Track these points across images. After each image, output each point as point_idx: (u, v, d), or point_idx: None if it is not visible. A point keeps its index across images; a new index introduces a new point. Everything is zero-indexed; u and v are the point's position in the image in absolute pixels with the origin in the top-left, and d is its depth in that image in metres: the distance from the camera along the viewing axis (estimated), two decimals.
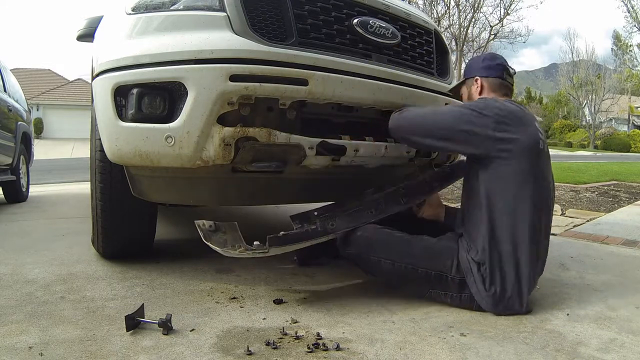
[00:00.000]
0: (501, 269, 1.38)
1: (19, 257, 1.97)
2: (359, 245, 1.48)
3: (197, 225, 1.48)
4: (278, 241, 1.43)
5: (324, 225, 1.50)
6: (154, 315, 1.27)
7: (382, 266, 1.45)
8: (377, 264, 1.45)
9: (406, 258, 1.43)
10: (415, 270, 1.42)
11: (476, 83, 1.58)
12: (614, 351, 1.16)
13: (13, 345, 1.11)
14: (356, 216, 1.55)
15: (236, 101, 1.38)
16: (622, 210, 3.83)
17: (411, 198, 1.65)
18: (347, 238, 1.51)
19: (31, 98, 21.59)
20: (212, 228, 1.49)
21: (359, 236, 1.49)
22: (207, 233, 1.47)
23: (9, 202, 4.25)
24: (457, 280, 1.40)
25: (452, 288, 1.41)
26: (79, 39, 2.11)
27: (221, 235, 1.49)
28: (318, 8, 1.54)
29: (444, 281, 1.41)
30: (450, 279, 1.41)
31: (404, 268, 1.42)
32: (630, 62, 34.96)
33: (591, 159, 15.74)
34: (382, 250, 1.45)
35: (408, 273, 1.42)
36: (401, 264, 1.43)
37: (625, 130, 35.70)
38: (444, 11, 21.21)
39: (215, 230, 1.49)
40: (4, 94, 4.30)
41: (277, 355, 1.09)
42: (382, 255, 1.44)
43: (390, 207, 1.60)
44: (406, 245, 1.46)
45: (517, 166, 1.38)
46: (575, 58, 38.49)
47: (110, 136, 1.48)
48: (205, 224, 1.49)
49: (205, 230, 1.47)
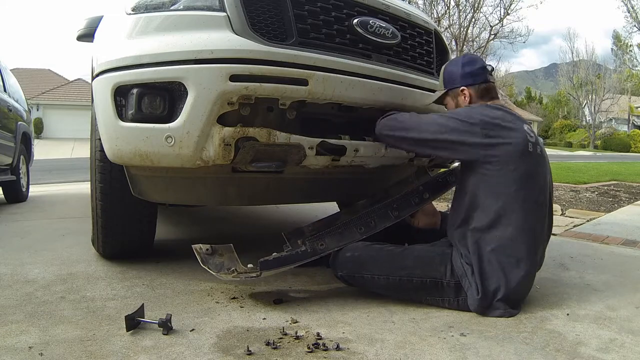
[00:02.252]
0: (487, 272, 1.37)
1: (19, 257, 1.97)
2: (350, 266, 1.48)
3: (194, 249, 1.52)
4: (268, 265, 1.47)
5: (313, 246, 1.52)
6: (154, 315, 1.27)
7: (377, 282, 1.44)
8: (371, 281, 1.45)
9: (400, 271, 1.42)
10: (411, 281, 1.42)
11: (462, 94, 1.56)
12: (614, 351, 1.16)
13: (13, 345, 1.11)
14: (346, 234, 1.56)
15: (236, 101, 1.38)
16: (622, 210, 3.83)
17: (402, 212, 1.64)
18: (338, 260, 1.50)
19: (31, 98, 21.58)
20: (209, 252, 1.53)
21: (348, 257, 1.48)
22: (204, 257, 1.51)
23: (9, 202, 4.25)
24: (452, 285, 1.40)
25: (449, 293, 1.41)
26: (79, 39, 2.11)
27: (218, 258, 1.53)
28: (318, 8, 1.54)
29: (439, 287, 1.41)
30: (445, 283, 1.40)
31: (398, 281, 1.42)
32: (630, 62, 34.99)
33: (591, 159, 15.75)
34: (374, 267, 1.45)
35: (403, 284, 1.42)
36: (396, 277, 1.42)
37: (625, 130, 35.70)
38: (444, 11, 21.20)
39: (212, 254, 1.53)
40: (4, 94, 4.30)
41: (277, 355, 1.09)
42: (376, 271, 1.44)
43: (381, 223, 1.60)
44: (398, 258, 1.45)
45: (505, 170, 1.37)
46: (575, 58, 38.52)
47: (110, 136, 1.48)
48: (202, 248, 1.53)
49: (203, 254, 1.52)
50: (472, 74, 1.55)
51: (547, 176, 1.49)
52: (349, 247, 1.51)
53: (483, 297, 1.36)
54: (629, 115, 38.22)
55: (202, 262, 1.49)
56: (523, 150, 1.39)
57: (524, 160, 1.39)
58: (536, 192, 1.43)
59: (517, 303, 1.41)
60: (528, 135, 1.43)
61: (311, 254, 1.51)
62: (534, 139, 1.45)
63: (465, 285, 1.38)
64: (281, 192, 1.82)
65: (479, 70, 1.56)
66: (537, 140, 1.46)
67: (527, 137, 1.42)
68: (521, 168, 1.38)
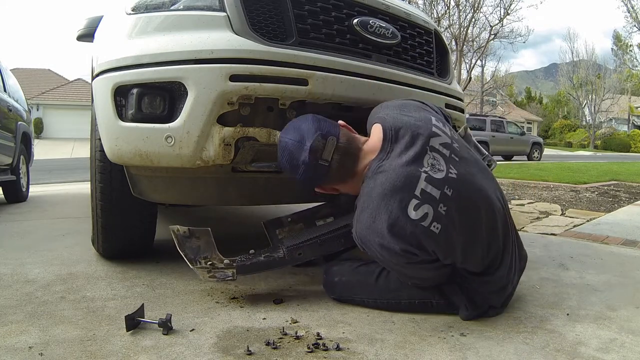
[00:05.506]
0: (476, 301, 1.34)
1: (19, 257, 1.97)
2: (340, 290, 1.48)
3: (171, 230, 1.48)
4: (245, 269, 1.46)
5: (291, 254, 1.51)
6: (154, 315, 1.27)
7: (367, 304, 1.43)
8: (362, 303, 1.44)
9: (387, 294, 1.41)
10: (399, 303, 1.40)
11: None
12: (614, 351, 1.16)
13: (13, 345, 1.11)
14: (325, 246, 1.54)
15: (236, 101, 1.38)
16: (622, 210, 3.83)
17: None
18: (328, 285, 1.51)
19: (31, 98, 21.60)
20: (187, 234, 1.49)
21: (336, 282, 1.48)
22: (181, 239, 1.47)
23: (9, 202, 4.25)
24: (442, 304, 1.37)
25: (440, 310, 1.38)
26: (79, 39, 2.12)
27: (195, 241, 1.49)
28: (318, 8, 1.54)
29: (429, 306, 1.39)
30: (435, 303, 1.38)
31: (386, 303, 1.41)
32: (630, 62, 35.03)
33: (591, 159, 15.75)
34: (362, 292, 1.44)
35: (392, 307, 1.41)
36: (384, 301, 1.41)
37: (625, 130, 35.74)
38: (444, 11, 21.24)
39: (189, 237, 1.49)
40: (4, 94, 4.31)
41: (277, 355, 1.08)
42: (364, 295, 1.43)
43: None
44: (384, 281, 1.42)
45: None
46: (575, 58, 38.57)
47: (110, 136, 1.48)
48: (179, 230, 1.48)
49: (180, 236, 1.47)
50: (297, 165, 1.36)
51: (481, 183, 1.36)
52: (336, 272, 1.49)
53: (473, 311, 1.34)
54: (629, 115, 38.26)
55: (179, 245, 1.44)
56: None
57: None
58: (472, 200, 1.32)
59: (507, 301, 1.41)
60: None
61: (289, 262, 1.52)
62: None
63: (456, 301, 1.36)
64: (281, 192, 1.82)
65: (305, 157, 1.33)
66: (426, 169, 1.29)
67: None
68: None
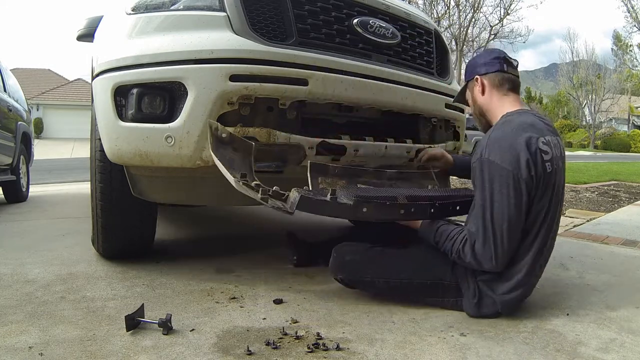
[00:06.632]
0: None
1: (19, 257, 1.97)
2: (349, 270, 1.46)
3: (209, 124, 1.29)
4: (308, 206, 1.20)
5: (357, 206, 1.25)
6: (154, 315, 1.27)
7: (377, 285, 1.43)
8: (371, 284, 1.44)
9: (400, 274, 1.41)
10: (411, 283, 1.41)
11: (477, 83, 1.52)
12: (614, 351, 1.16)
13: (13, 345, 1.11)
14: (387, 210, 1.32)
15: (236, 101, 1.38)
16: (622, 210, 3.83)
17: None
18: (337, 264, 1.47)
19: (31, 98, 21.59)
20: (227, 139, 1.26)
21: (348, 261, 1.46)
22: (216, 142, 1.27)
23: (9, 202, 4.24)
24: (453, 285, 1.39)
25: (449, 294, 1.40)
26: (79, 39, 2.11)
27: (231, 152, 1.28)
28: (318, 8, 1.54)
29: (440, 287, 1.40)
30: (447, 284, 1.40)
31: (399, 283, 1.41)
32: (630, 62, 34.99)
33: (591, 159, 15.74)
34: (374, 271, 1.43)
35: (404, 287, 1.41)
36: (397, 280, 1.41)
37: (625, 130, 35.71)
38: (444, 11, 21.23)
39: (228, 143, 1.26)
40: (4, 94, 4.30)
41: (277, 355, 1.08)
42: (376, 275, 1.43)
43: (421, 215, 1.43)
44: (399, 261, 1.44)
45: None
46: (575, 58, 38.53)
47: (110, 136, 1.48)
48: (218, 128, 1.27)
49: (218, 135, 1.26)
50: (485, 63, 1.51)
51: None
52: (349, 251, 1.49)
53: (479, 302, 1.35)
54: (629, 115, 38.23)
55: (213, 147, 1.25)
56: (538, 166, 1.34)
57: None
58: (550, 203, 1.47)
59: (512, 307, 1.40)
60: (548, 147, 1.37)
61: (351, 213, 1.29)
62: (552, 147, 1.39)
63: (463, 287, 1.38)
64: None
65: (494, 60, 1.51)
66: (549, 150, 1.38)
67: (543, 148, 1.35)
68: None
